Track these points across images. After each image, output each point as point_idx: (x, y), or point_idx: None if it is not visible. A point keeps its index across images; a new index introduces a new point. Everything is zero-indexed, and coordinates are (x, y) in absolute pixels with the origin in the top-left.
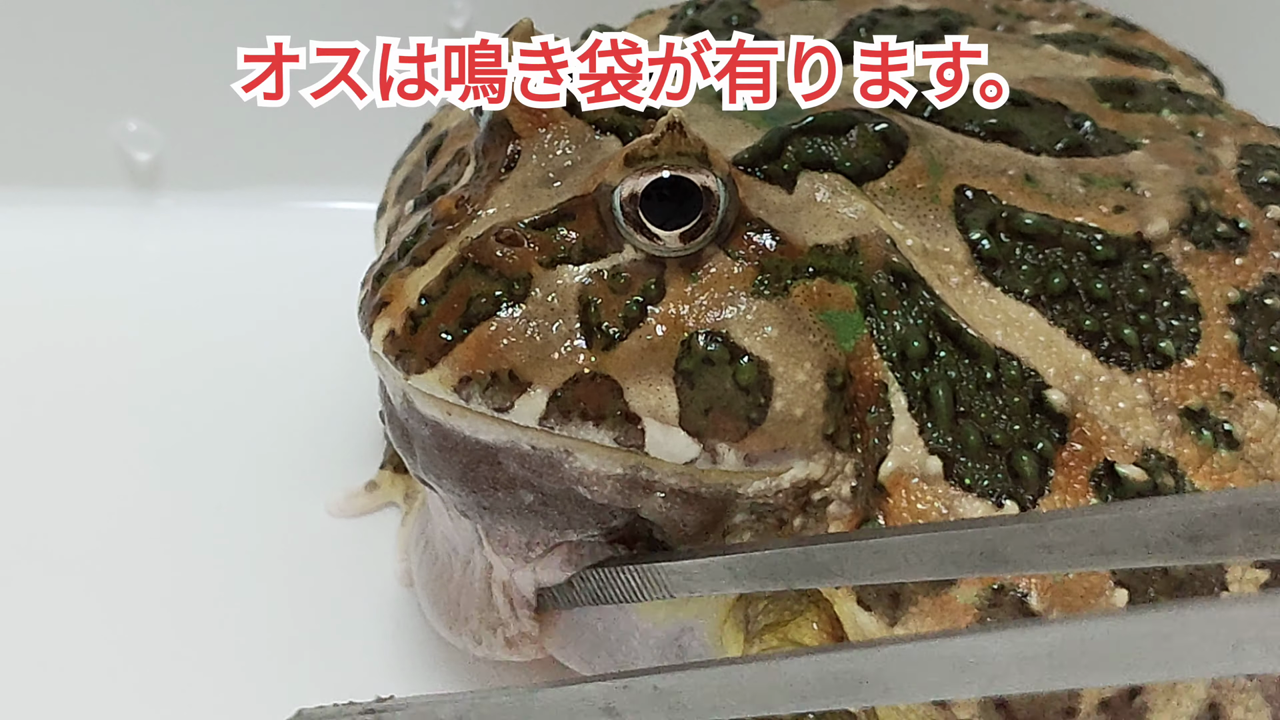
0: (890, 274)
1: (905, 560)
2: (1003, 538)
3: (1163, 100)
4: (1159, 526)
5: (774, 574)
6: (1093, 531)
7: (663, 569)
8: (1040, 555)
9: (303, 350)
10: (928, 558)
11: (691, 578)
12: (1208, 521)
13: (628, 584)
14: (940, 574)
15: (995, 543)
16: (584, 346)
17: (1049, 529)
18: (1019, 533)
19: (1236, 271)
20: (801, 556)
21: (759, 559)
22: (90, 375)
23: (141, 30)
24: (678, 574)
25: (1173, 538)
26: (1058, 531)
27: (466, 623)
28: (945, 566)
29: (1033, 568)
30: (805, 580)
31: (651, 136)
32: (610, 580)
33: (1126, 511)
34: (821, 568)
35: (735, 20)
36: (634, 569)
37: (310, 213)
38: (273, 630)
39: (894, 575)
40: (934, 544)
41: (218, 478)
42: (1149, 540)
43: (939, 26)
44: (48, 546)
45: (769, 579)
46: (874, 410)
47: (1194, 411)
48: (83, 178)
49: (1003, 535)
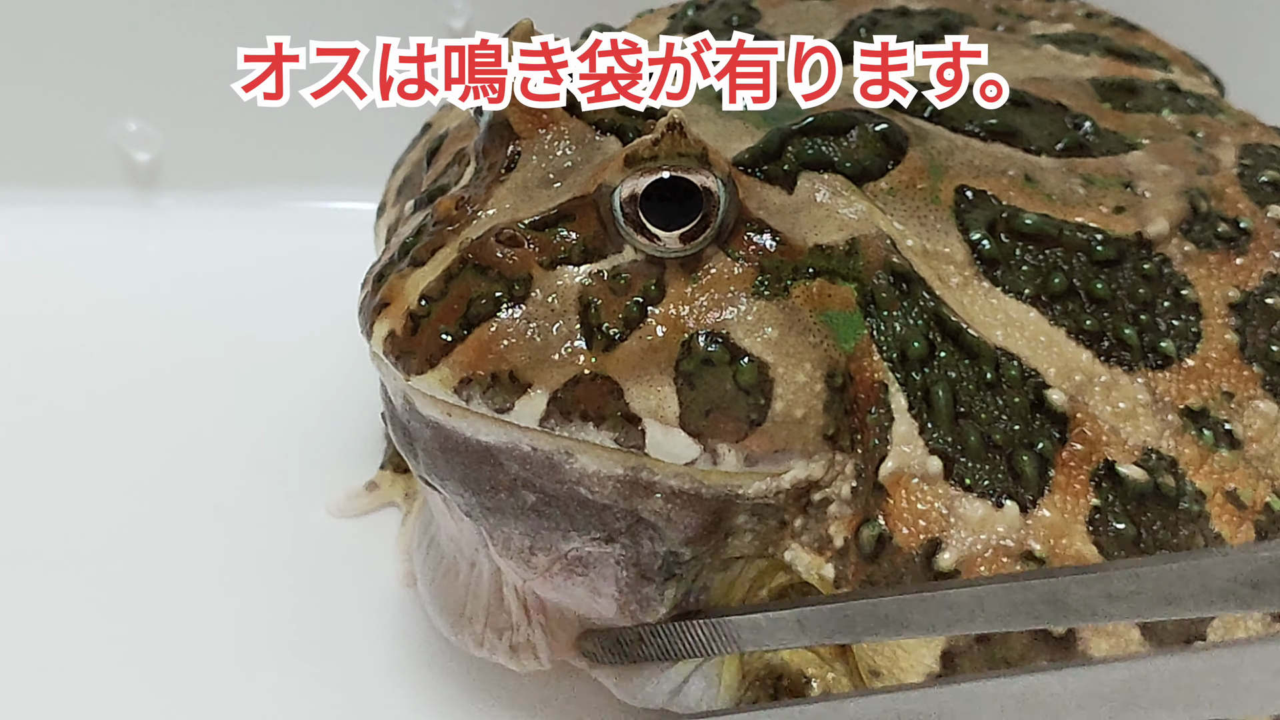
0: (890, 274)
1: (972, 612)
2: (1068, 588)
3: (1163, 100)
4: (1223, 574)
5: (842, 627)
6: (1157, 580)
7: (734, 623)
8: (1105, 604)
9: (303, 350)
10: (995, 609)
11: (761, 631)
12: (1271, 569)
13: (698, 639)
14: (1008, 625)
15: (1061, 592)
16: (584, 347)
17: (1114, 579)
18: (1084, 582)
19: (1237, 271)
20: (869, 609)
21: (828, 612)
22: (90, 375)
23: (141, 30)
24: (748, 628)
25: (1237, 585)
26: (1123, 581)
27: (470, 623)
28: (1012, 617)
29: (1099, 617)
30: (874, 633)
31: (652, 137)
32: (680, 635)
33: (1191, 560)
34: (889, 620)
35: (735, 20)
36: (703, 624)
37: (310, 213)
38: (273, 630)
39: (962, 627)
40: (1001, 595)
41: (218, 478)
42: (1213, 588)
43: (939, 26)
44: (47, 547)
45: (837, 632)
46: (874, 411)
47: (1194, 411)
48: (83, 178)
49: (1068, 585)
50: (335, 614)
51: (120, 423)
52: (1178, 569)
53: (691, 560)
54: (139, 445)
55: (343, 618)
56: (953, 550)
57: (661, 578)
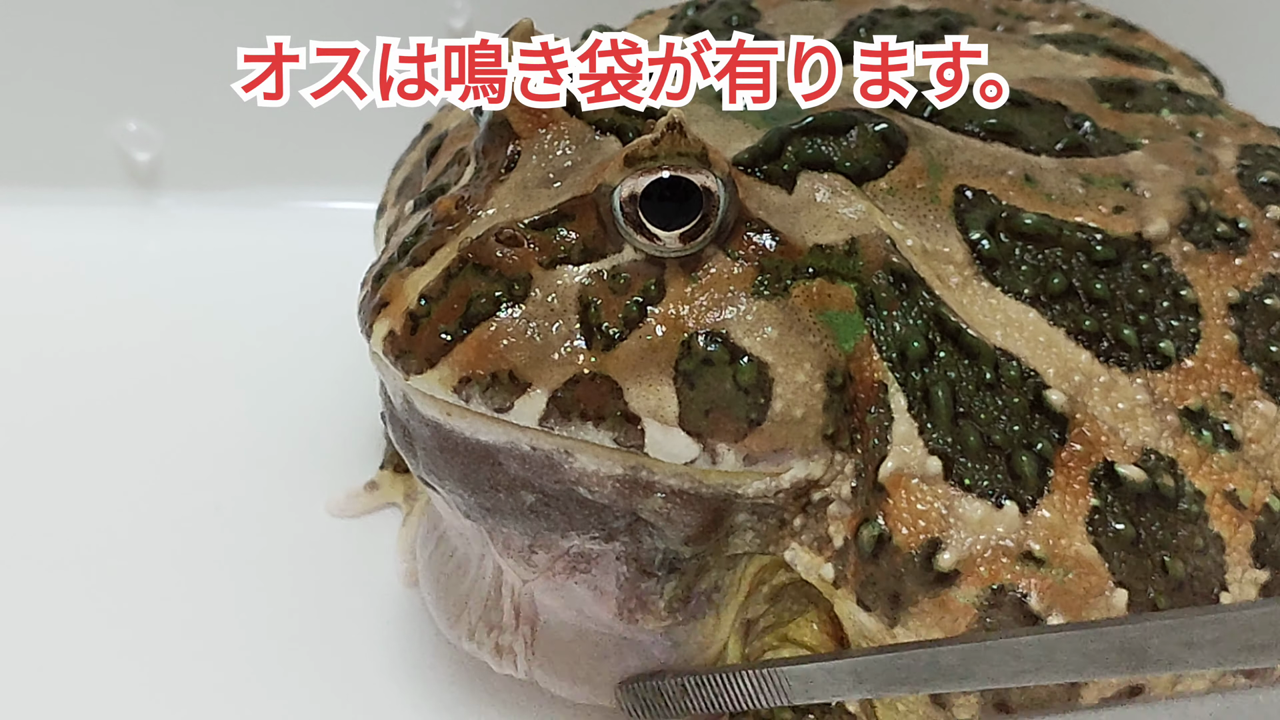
0: (890, 274)
1: (1039, 662)
2: (1146, 635)
3: (1162, 100)
4: None
5: (901, 679)
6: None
7: (784, 674)
8: (1184, 652)
9: (303, 350)
10: (1065, 657)
11: (813, 682)
12: None
13: (746, 690)
14: (1079, 676)
15: (1138, 640)
16: (584, 347)
17: (1194, 626)
18: (1162, 630)
19: (1236, 272)
20: (929, 659)
21: (885, 663)
22: (90, 375)
23: (141, 30)
24: (799, 679)
25: None
26: (1204, 629)
27: (467, 616)
28: (1084, 667)
29: (1179, 666)
30: (934, 685)
31: (651, 137)
32: (727, 686)
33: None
34: (951, 671)
35: (735, 20)
36: (753, 674)
37: (310, 213)
38: (273, 629)
39: (1030, 678)
40: (1072, 644)
41: (218, 477)
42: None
43: (939, 26)
44: (46, 546)
45: (895, 684)
46: (874, 410)
47: (1194, 412)
48: (83, 178)
49: (1146, 633)
50: (335, 614)
51: (120, 423)
52: (1260, 615)
53: (693, 558)
54: (139, 445)
55: (343, 618)
56: (952, 550)
57: (663, 573)
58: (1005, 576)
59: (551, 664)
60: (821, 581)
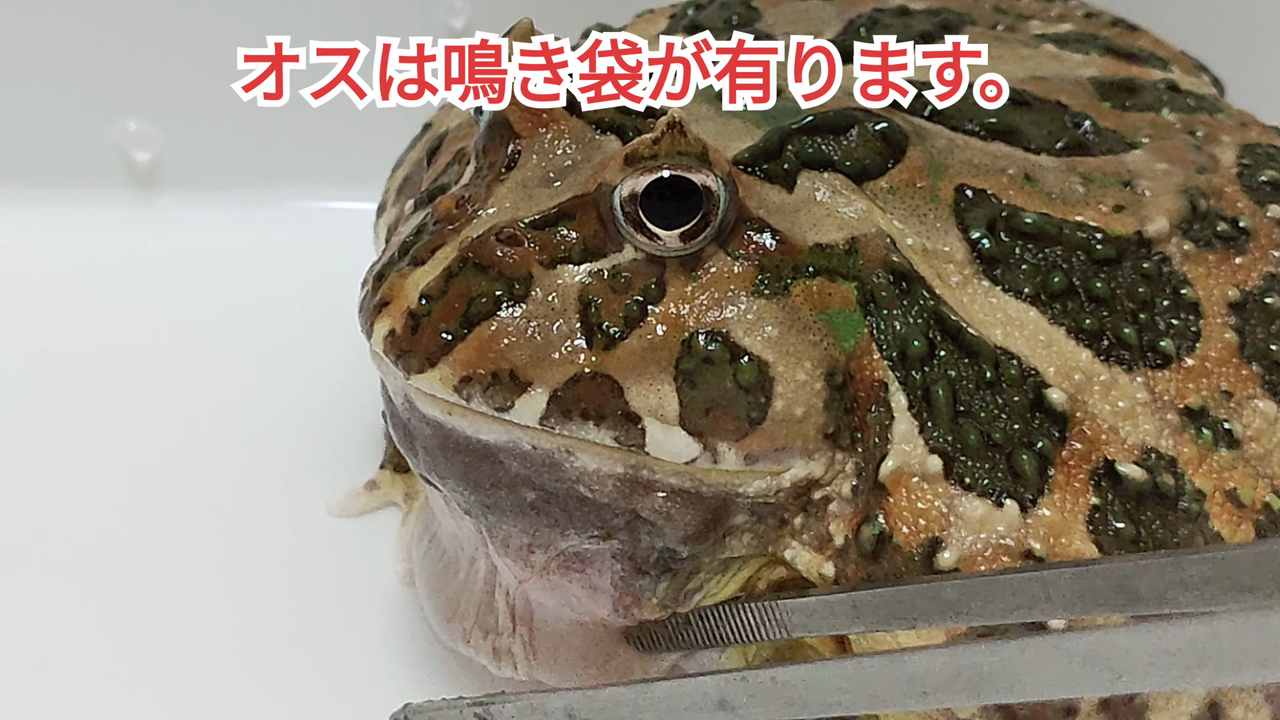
0: (890, 273)
1: (1035, 598)
2: (1139, 573)
3: (1163, 99)
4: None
5: (900, 612)
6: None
7: (786, 606)
8: (1178, 592)
9: (303, 350)
10: (1061, 596)
11: (814, 615)
12: None
13: (747, 622)
14: (1073, 613)
15: (1132, 579)
16: (584, 346)
17: (1186, 564)
18: (1155, 568)
19: (1236, 270)
20: (930, 593)
21: (885, 595)
22: (90, 375)
23: (141, 30)
24: (800, 611)
25: None
26: (1196, 566)
27: (460, 619)
28: (1080, 604)
29: (1170, 605)
30: (932, 619)
31: (651, 136)
32: (729, 618)
33: (1266, 547)
34: (949, 605)
35: (735, 20)
36: (754, 606)
37: (310, 213)
38: (273, 629)
39: (1028, 614)
40: (1068, 581)
41: (218, 477)
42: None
43: (939, 26)
44: (47, 547)
45: (895, 618)
46: (874, 409)
47: (1194, 410)
48: (83, 178)
49: (1139, 571)
50: (335, 614)
51: (120, 422)
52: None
53: (689, 558)
54: (139, 445)
55: (343, 617)
56: (953, 549)
57: (656, 571)
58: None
59: (553, 661)
60: (822, 580)
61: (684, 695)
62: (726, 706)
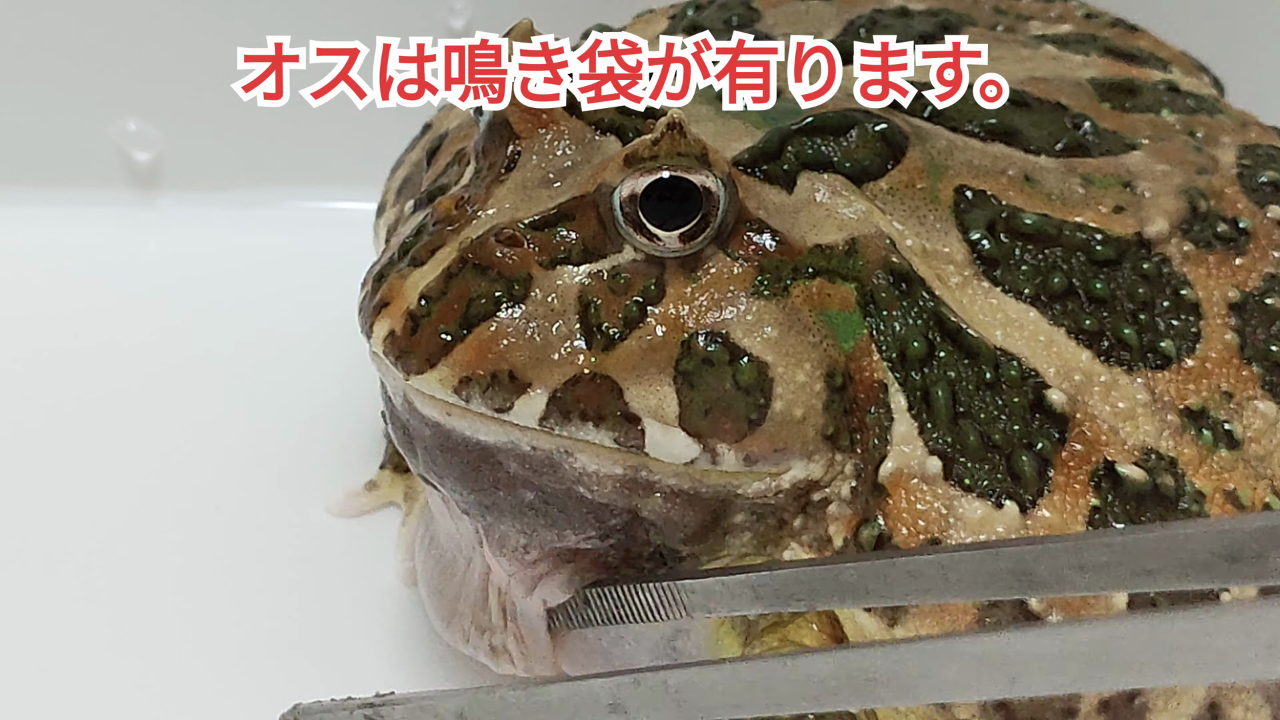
0: (890, 274)
1: (934, 581)
2: (1037, 557)
3: (1162, 100)
4: (1199, 546)
5: (799, 594)
6: (1132, 552)
7: (683, 587)
8: (1076, 576)
9: (303, 350)
10: (961, 578)
11: (712, 596)
12: (1248, 541)
13: (645, 603)
14: (973, 595)
15: (1030, 563)
16: (584, 347)
17: (1084, 549)
18: (1054, 552)
19: (1236, 271)
20: (829, 575)
21: (784, 577)
22: (90, 375)
23: (141, 30)
24: (698, 593)
25: (1213, 559)
26: (1094, 551)
27: (459, 619)
28: (978, 588)
29: (1068, 589)
30: (830, 601)
31: (651, 137)
32: (626, 598)
33: (1166, 531)
34: (849, 588)
35: (735, 20)
36: (653, 587)
37: (310, 213)
38: (273, 629)
39: (926, 596)
40: (968, 564)
41: (217, 477)
42: (1188, 561)
43: (939, 27)
44: (47, 547)
45: (793, 599)
46: (874, 411)
47: (1194, 411)
48: (83, 178)
49: (1037, 555)
50: (335, 614)
51: (120, 422)
52: (1153, 539)
53: (687, 558)
54: (139, 445)
55: (343, 618)
56: None
57: (651, 565)
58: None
59: (540, 650)
60: None
61: (576, 698)
62: (619, 710)
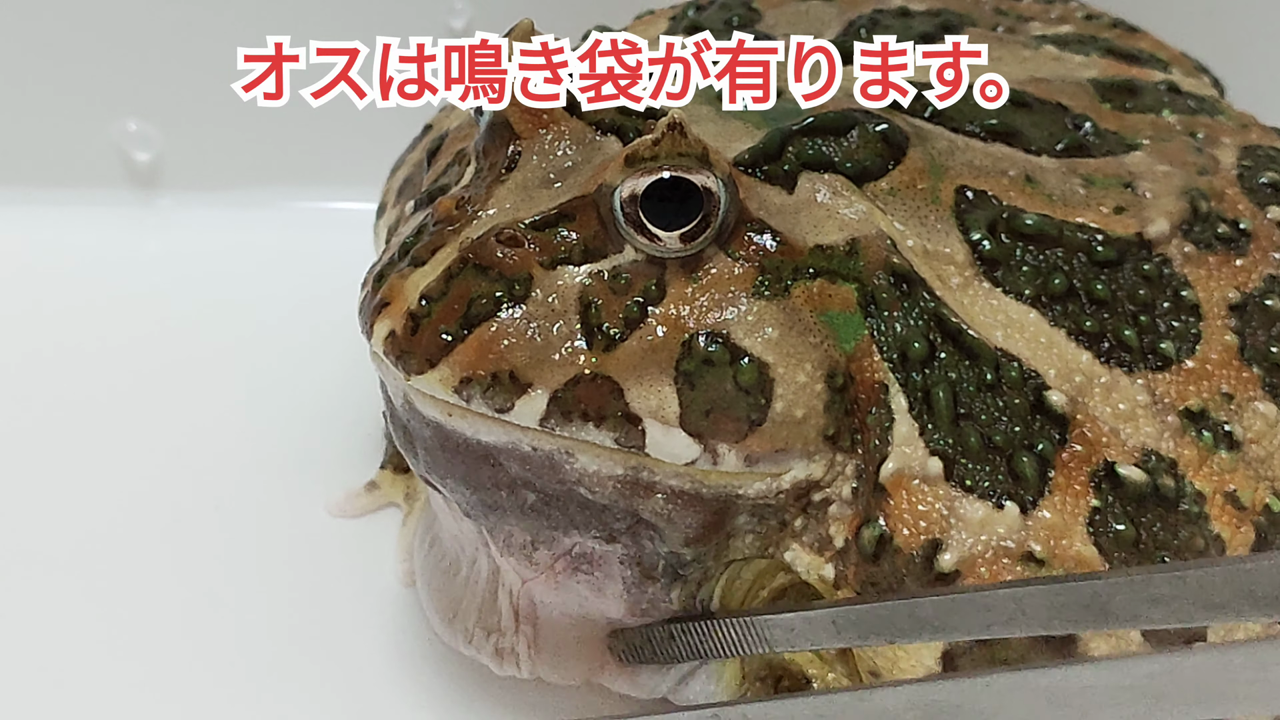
0: (891, 275)
1: (1011, 615)
2: (1110, 591)
3: (1163, 101)
4: (1266, 580)
5: (879, 629)
6: (1200, 585)
7: (767, 622)
8: (1147, 609)
9: (303, 350)
10: (1035, 612)
11: (794, 631)
12: None
13: (730, 638)
14: (1049, 629)
15: (1103, 596)
16: (585, 347)
17: (1156, 581)
18: (1126, 586)
19: (1237, 273)
20: (906, 610)
21: (862, 612)
22: (90, 375)
23: (141, 30)
24: (780, 628)
25: None
26: (1165, 585)
27: (462, 620)
28: (1052, 621)
29: (1141, 622)
30: (910, 636)
31: (652, 137)
32: (712, 634)
33: (1234, 565)
34: (924, 623)
35: (735, 20)
36: (736, 622)
37: (310, 213)
38: (273, 630)
39: (1001, 630)
40: (1041, 597)
41: (217, 477)
42: (1257, 595)
43: (939, 27)
44: (46, 547)
45: (872, 634)
46: (874, 411)
47: (1194, 413)
48: (83, 178)
49: (1110, 589)
50: (335, 614)
51: (120, 422)
52: (1221, 573)
53: (694, 561)
54: (139, 445)
55: (343, 618)
56: (953, 551)
57: (667, 579)
58: (1006, 577)
59: (555, 659)
60: (822, 583)
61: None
62: None
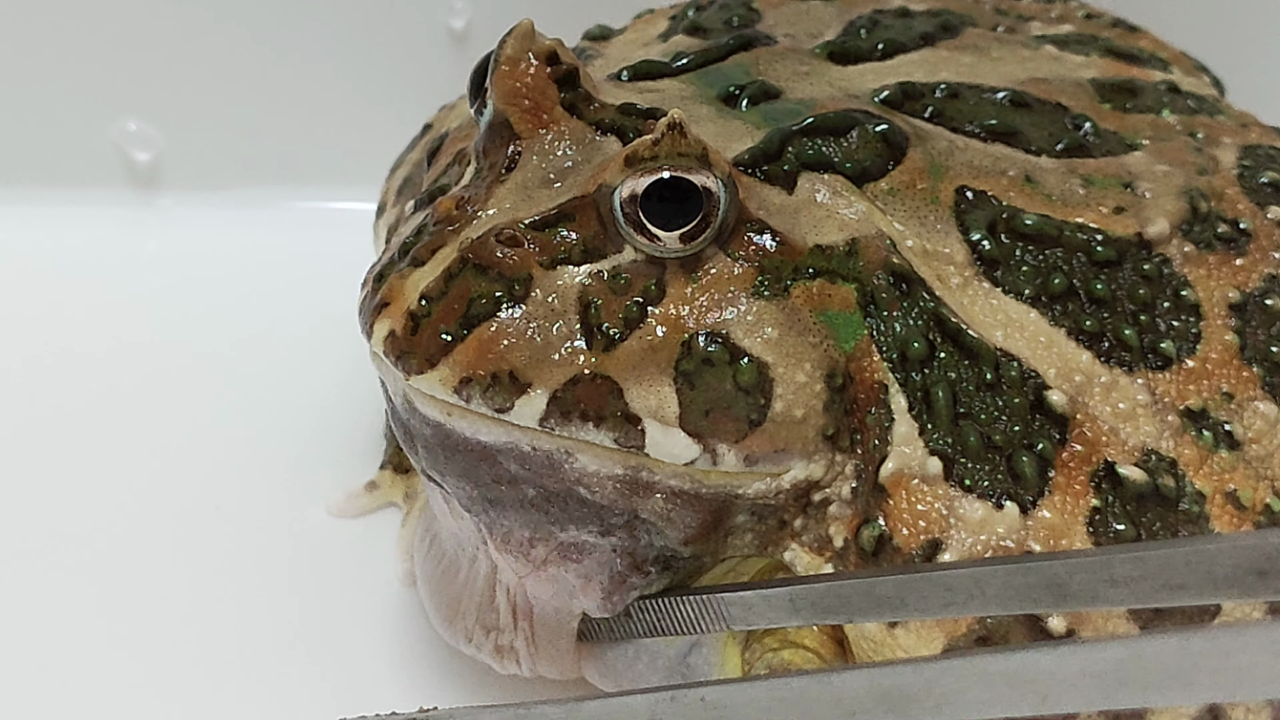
0: (890, 275)
1: (970, 595)
2: (1070, 571)
3: (1163, 101)
4: (1228, 561)
5: (836, 607)
6: (1161, 566)
7: (724, 600)
8: (1107, 589)
9: (303, 350)
10: (994, 591)
11: (752, 609)
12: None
13: (687, 615)
14: (1007, 609)
15: (1062, 576)
16: (584, 347)
17: (1116, 563)
18: (1086, 566)
19: (1237, 272)
20: (865, 589)
21: (821, 591)
22: (90, 375)
23: (141, 30)
24: (738, 605)
25: (1241, 573)
26: (1125, 565)
27: (462, 619)
28: (1012, 601)
29: (1100, 602)
30: (868, 614)
31: (652, 137)
32: (668, 611)
33: (1195, 545)
34: (885, 601)
35: (735, 20)
36: (694, 600)
37: (310, 213)
38: (273, 630)
39: (960, 610)
40: (1000, 578)
41: (218, 478)
42: (1217, 575)
43: (939, 28)
44: (47, 547)
45: (831, 612)
46: (874, 411)
47: (1194, 412)
48: (83, 178)
49: (1070, 569)
50: (335, 614)
51: (120, 422)
52: (1182, 554)
53: (689, 559)
54: (138, 445)
55: (343, 618)
56: (953, 551)
57: (656, 569)
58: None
59: (554, 655)
60: None
61: (614, 713)
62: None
